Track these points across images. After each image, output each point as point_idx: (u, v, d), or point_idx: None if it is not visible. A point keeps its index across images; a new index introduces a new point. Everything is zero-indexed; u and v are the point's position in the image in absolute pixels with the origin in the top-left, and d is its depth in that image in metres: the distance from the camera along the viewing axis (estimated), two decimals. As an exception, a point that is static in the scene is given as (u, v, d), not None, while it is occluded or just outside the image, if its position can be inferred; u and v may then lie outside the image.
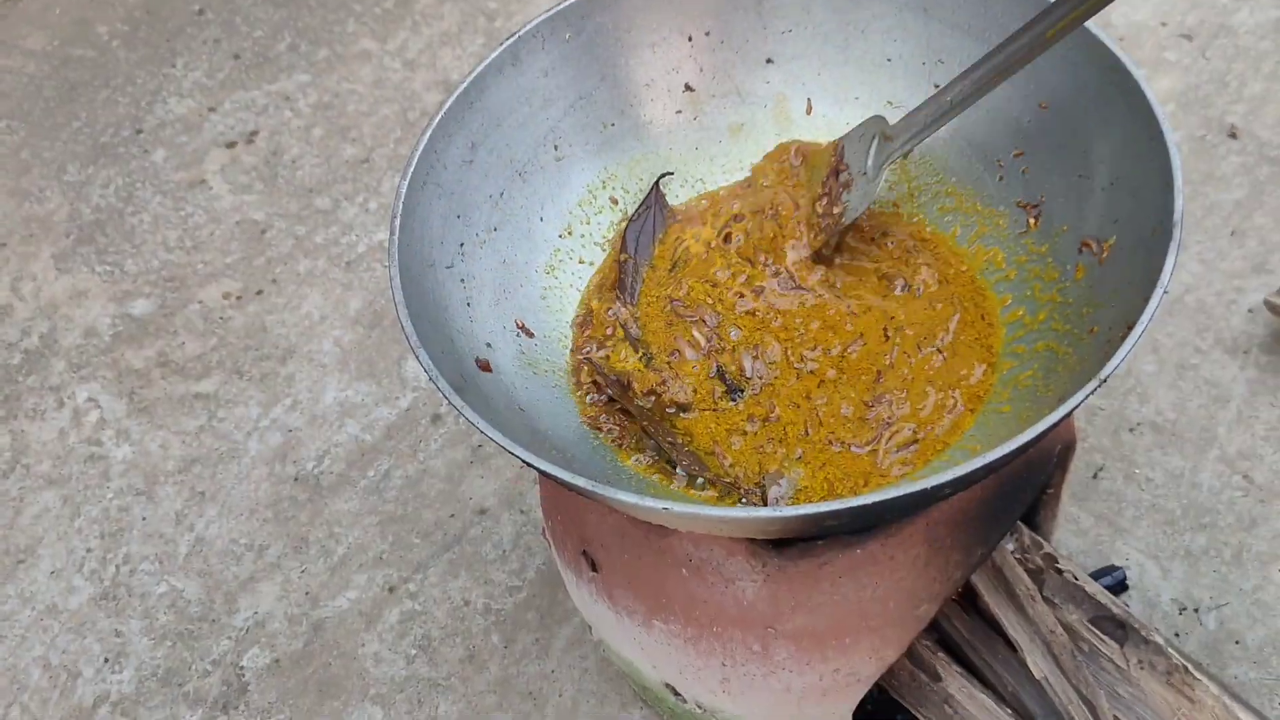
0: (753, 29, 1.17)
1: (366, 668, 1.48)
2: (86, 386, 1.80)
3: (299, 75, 2.19)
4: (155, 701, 1.48)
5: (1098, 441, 1.52)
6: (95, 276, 1.94)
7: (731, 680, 1.08)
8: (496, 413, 0.97)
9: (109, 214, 2.02)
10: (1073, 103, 1.03)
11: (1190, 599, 1.39)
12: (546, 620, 1.48)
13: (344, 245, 1.92)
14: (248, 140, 2.10)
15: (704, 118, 1.20)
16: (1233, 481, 1.46)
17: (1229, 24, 1.94)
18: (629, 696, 1.41)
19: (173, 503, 1.66)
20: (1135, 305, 0.86)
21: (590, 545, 1.12)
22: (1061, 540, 1.44)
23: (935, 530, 1.01)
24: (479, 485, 1.61)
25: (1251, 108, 1.82)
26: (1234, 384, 1.54)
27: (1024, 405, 0.99)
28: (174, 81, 2.21)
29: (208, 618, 1.55)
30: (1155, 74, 1.89)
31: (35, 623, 1.57)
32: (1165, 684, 1.13)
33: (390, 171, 2.02)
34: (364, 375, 1.76)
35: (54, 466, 1.72)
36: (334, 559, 1.58)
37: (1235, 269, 1.64)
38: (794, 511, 0.79)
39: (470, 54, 2.17)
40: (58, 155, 2.13)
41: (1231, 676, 1.33)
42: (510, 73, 1.11)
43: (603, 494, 0.82)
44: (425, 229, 1.03)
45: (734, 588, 1.03)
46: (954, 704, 1.18)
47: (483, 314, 1.07)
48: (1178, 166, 0.90)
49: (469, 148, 1.09)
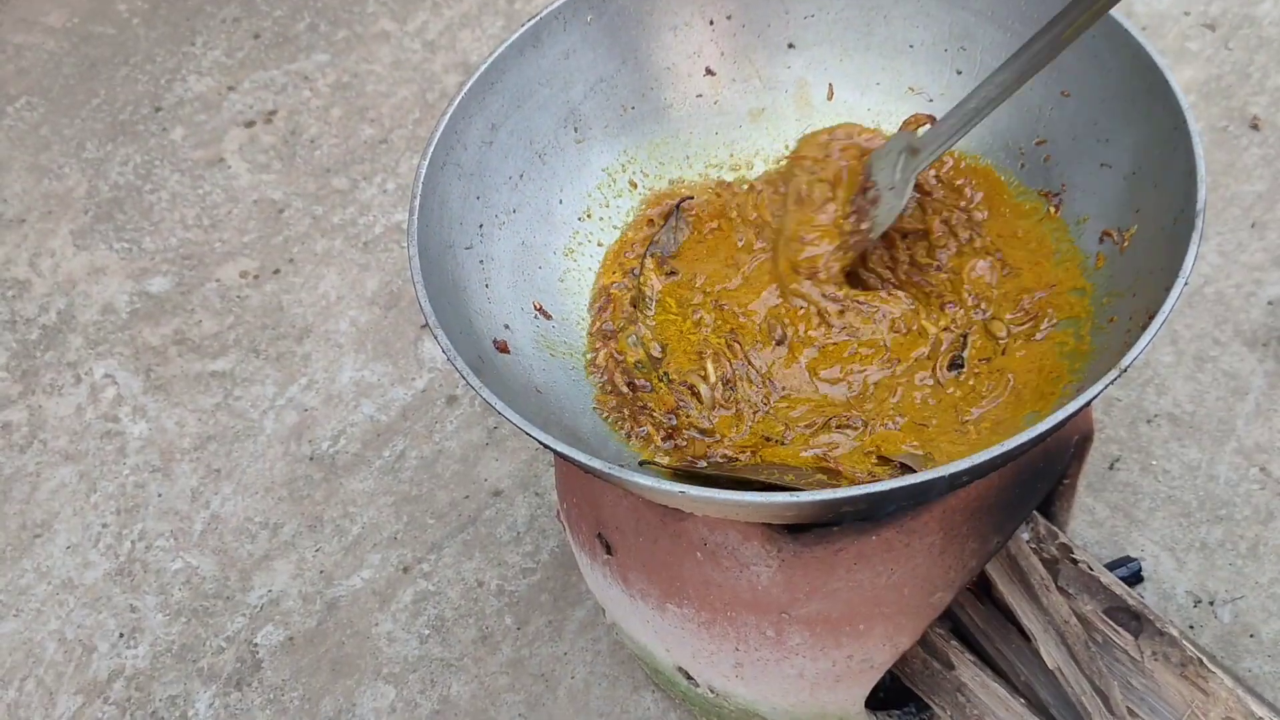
0: (775, 14, 1.17)
1: (380, 647, 1.48)
2: (104, 363, 1.81)
3: (318, 55, 2.19)
4: (170, 677, 1.49)
5: (1115, 432, 1.51)
6: (113, 254, 1.95)
7: (745, 665, 1.08)
8: (513, 394, 0.97)
9: (127, 191, 2.03)
10: (1096, 91, 1.03)
11: (1205, 591, 1.38)
12: (559, 602, 1.49)
13: (361, 225, 1.93)
14: (266, 119, 2.10)
15: (724, 102, 1.20)
16: (1250, 474, 1.46)
17: (1253, 14, 1.92)
18: (641, 680, 1.41)
19: (188, 480, 1.67)
20: (1156, 295, 0.85)
21: (605, 528, 1.12)
22: (1077, 531, 1.44)
23: (951, 518, 1.01)
24: (494, 467, 1.62)
25: (1274, 99, 1.81)
26: (1253, 376, 1.53)
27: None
28: (193, 60, 2.22)
29: (222, 595, 1.55)
30: (1177, 64, 1.88)
31: (51, 597, 1.58)
32: (1179, 676, 1.13)
33: (408, 152, 2.02)
34: (380, 355, 1.76)
35: (71, 442, 1.73)
36: (348, 538, 1.58)
37: (1255, 261, 1.63)
38: (810, 497, 0.79)
39: (490, 36, 2.16)
40: (77, 132, 2.13)
41: (1246, 670, 1.33)
42: (531, 54, 1.10)
43: (620, 476, 0.82)
44: (444, 210, 1.03)
45: (749, 572, 1.03)
46: (967, 693, 1.18)
47: (501, 295, 1.07)
48: (1201, 156, 0.90)
49: (489, 129, 1.09)
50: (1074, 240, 1.05)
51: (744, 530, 1.02)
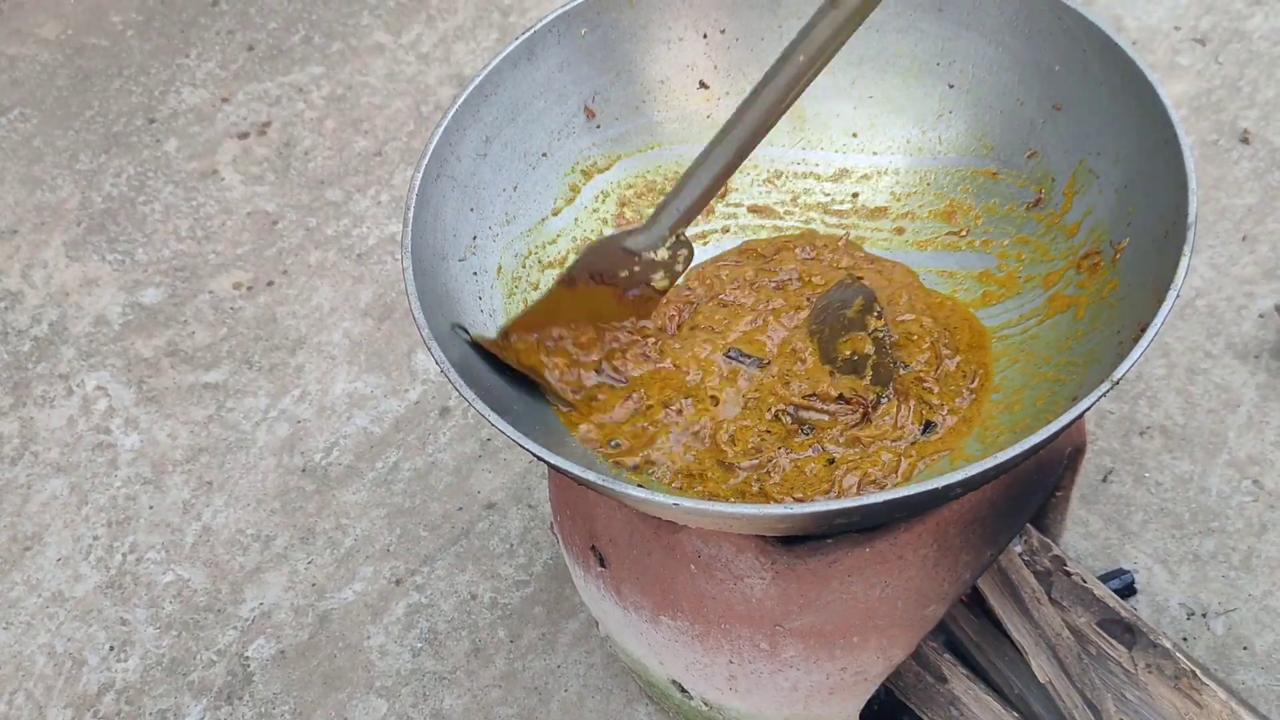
0: (768, 27, 1.17)
1: (372, 660, 1.48)
2: (96, 375, 1.81)
3: (312, 67, 2.19)
4: (160, 690, 1.49)
5: (1107, 444, 1.51)
6: (106, 265, 1.94)
7: (739, 678, 1.08)
8: (507, 406, 0.98)
9: (120, 203, 2.03)
10: (1087, 105, 1.03)
11: (1199, 604, 1.38)
12: (553, 615, 1.48)
13: (355, 237, 1.93)
14: (260, 131, 2.11)
15: (718, 114, 1.20)
16: (1242, 486, 1.46)
17: (1243, 29, 1.93)
18: (635, 692, 1.41)
19: (180, 492, 1.66)
20: (1148, 307, 0.86)
21: (599, 540, 1.12)
22: (1070, 543, 1.44)
23: (945, 531, 1.01)
24: (487, 479, 1.62)
25: (1264, 113, 1.81)
26: (1244, 389, 1.53)
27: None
28: (187, 72, 2.22)
29: (214, 607, 1.55)
30: (1168, 78, 1.89)
31: (41, 610, 1.57)
32: (1173, 688, 1.13)
33: (402, 165, 2.02)
34: (373, 367, 1.76)
35: (62, 454, 1.72)
36: (341, 551, 1.58)
37: (1246, 274, 1.64)
38: (804, 509, 0.79)
39: (484, 48, 2.17)
40: (70, 144, 2.13)
41: (1239, 682, 1.33)
42: (525, 67, 1.11)
43: (614, 489, 0.82)
44: (438, 222, 1.03)
45: (742, 585, 1.03)
46: (960, 706, 1.18)
47: (495, 307, 1.07)
48: (1192, 169, 0.90)
49: (483, 141, 1.09)
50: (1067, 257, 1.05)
51: (738, 542, 1.02)
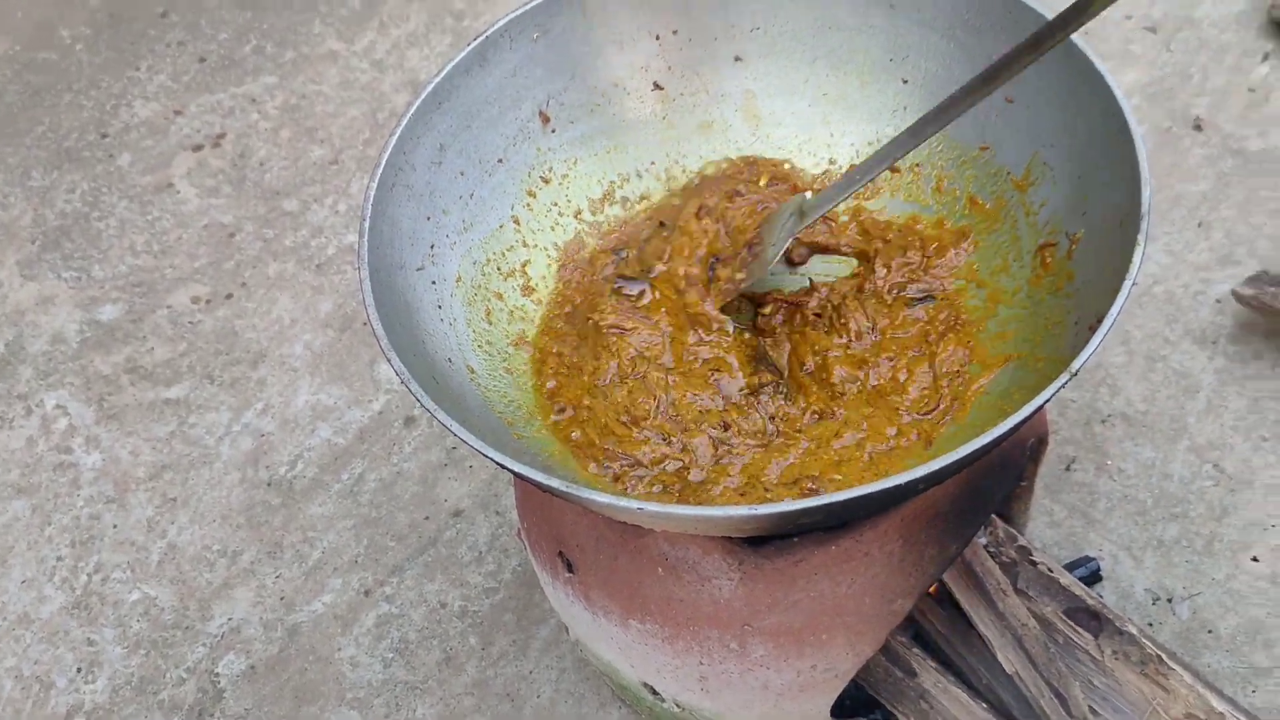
0: (721, 28, 1.17)
1: (343, 672, 1.47)
2: (55, 394, 1.79)
3: (265, 77, 2.18)
4: (129, 710, 1.47)
5: (1070, 433, 1.52)
6: (62, 282, 1.92)
7: (709, 678, 1.08)
8: (470, 415, 0.97)
9: (75, 219, 2.00)
10: (1039, 97, 1.04)
11: (1163, 589, 1.40)
12: (523, 621, 1.48)
13: (314, 248, 1.91)
14: (214, 143, 2.09)
15: (673, 115, 1.20)
16: (1203, 471, 1.47)
17: (1193, 16, 1.95)
18: (607, 696, 1.40)
19: (144, 510, 1.65)
20: (1106, 297, 0.86)
21: (566, 546, 1.12)
22: (1035, 532, 1.45)
23: (910, 526, 1.02)
24: (453, 487, 1.61)
25: (1215, 100, 1.83)
26: (1203, 374, 1.55)
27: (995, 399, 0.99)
28: (139, 85, 2.20)
29: (181, 625, 1.54)
30: (1120, 67, 1.90)
31: (7, 633, 1.55)
32: (1140, 674, 1.14)
33: (359, 173, 2.01)
34: (336, 378, 1.75)
35: (23, 475, 1.70)
36: (308, 563, 1.57)
37: (1202, 260, 1.65)
38: (768, 509, 0.79)
39: (438, 54, 2.16)
40: (21, 160, 2.11)
41: (1205, 665, 1.34)
42: (478, 73, 1.10)
43: (577, 495, 0.82)
44: (395, 231, 1.03)
45: (710, 586, 1.03)
46: (929, 699, 1.18)
47: (455, 315, 1.07)
48: (1144, 158, 0.91)
49: (438, 149, 1.08)
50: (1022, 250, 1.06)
51: (704, 544, 1.02)
